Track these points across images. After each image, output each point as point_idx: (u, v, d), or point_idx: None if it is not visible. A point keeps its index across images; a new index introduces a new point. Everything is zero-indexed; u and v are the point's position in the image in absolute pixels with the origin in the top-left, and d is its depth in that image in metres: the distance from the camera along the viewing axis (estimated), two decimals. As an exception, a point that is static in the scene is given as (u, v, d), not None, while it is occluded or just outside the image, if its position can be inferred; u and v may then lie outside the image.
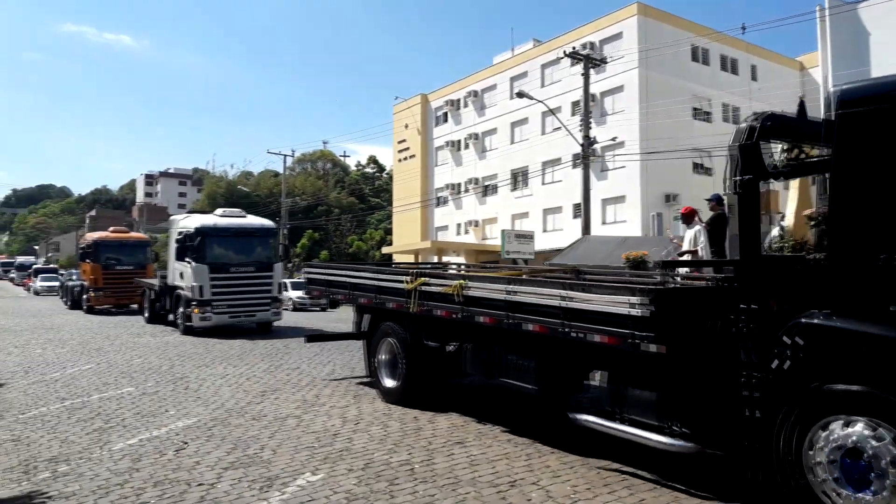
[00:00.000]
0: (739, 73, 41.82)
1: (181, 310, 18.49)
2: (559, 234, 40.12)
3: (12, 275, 72.58)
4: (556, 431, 7.13)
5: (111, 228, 31.94)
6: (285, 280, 25.87)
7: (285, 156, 51.49)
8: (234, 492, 5.39)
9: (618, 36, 38.47)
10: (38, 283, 50.44)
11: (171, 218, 21.25)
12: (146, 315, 22.49)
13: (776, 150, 10.34)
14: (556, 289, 6.36)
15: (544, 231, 40.94)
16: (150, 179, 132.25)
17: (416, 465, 6.10)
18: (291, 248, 20.56)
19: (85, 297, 27.98)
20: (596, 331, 5.83)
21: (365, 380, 10.34)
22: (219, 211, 20.90)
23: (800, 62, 45.07)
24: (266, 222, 20.82)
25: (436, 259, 46.94)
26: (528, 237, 32.55)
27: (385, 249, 53.65)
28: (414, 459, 6.26)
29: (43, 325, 21.96)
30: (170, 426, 7.60)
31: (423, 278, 8.19)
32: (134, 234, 32.78)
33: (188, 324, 18.00)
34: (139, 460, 6.26)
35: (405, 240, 52.56)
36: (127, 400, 9.15)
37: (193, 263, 17.92)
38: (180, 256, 18.74)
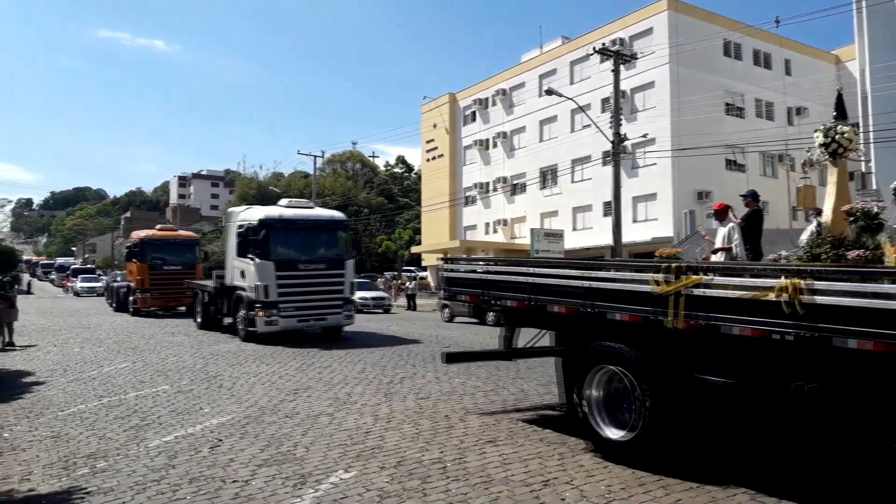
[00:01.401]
0: (773, 67, 41.11)
1: (242, 313, 16.47)
2: (589, 233, 39.85)
3: (52, 276, 73.92)
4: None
5: (158, 226, 30.45)
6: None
7: (315, 157, 51.80)
8: (269, 489, 5.43)
9: (648, 31, 38.05)
10: (79, 284, 50.72)
11: (229, 210, 18.86)
12: (198, 320, 20.41)
13: (814, 145, 10.12)
14: None
15: (574, 230, 40.67)
16: (183, 181, 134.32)
17: (448, 463, 6.09)
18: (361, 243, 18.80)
19: (131, 298, 26.77)
20: None
21: (545, 413, 8.21)
22: (283, 201, 18.69)
23: (835, 55, 44.13)
24: (336, 214, 18.57)
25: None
26: (557, 236, 32.33)
27: (414, 249, 53.79)
28: (446, 458, 6.25)
29: (80, 324, 22.41)
30: (204, 423, 7.69)
31: (695, 276, 5.53)
32: (182, 233, 30.83)
33: (251, 329, 16.02)
34: (175, 457, 6.34)
35: (434, 239, 52.64)
36: (162, 398, 9.28)
37: (257, 260, 15.90)
38: (242, 253, 16.57)
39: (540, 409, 8.47)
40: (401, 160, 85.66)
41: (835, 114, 10.55)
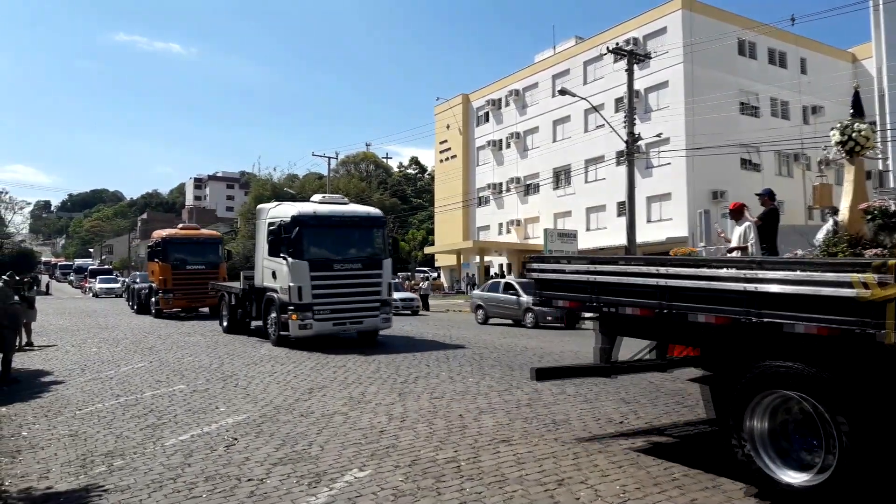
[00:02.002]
0: (788, 66, 40.82)
1: (273, 316, 15.55)
2: (603, 233, 39.72)
3: (71, 277, 74.42)
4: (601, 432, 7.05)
5: (180, 225, 29.63)
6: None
7: (329, 158, 52.06)
8: (284, 487, 5.46)
9: (662, 31, 37.91)
10: (97, 286, 50.80)
11: (260, 207, 17.78)
12: (224, 324, 19.25)
13: (831, 143, 10.04)
14: None
15: (587, 230, 40.57)
16: (198, 183, 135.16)
17: (462, 462, 6.09)
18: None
19: (153, 300, 25.84)
20: None
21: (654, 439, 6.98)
22: (317, 197, 17.47)
23: (852, 53, 43.74)
24: (373, 210, 17.35)
25: (478, 259, 46.97)
26: (571, 236, 32.25)
27: (427, 249, 53.84)
28: (460, 457, 6.25)
29: (98, 324, 22.62)
30: (220, 423, 7.74)
31: None
32: (205, 231, 29.77)
33: (283, 333, 15.09)
34: (191, 455, 6.38)
35: (447, 240, 52.69)
36: (178, 397, 9.35)
37: (290, 260, 14.85)
38: (273, 252, 15.50)
39: (552, 408, 8.45)
40: (414, 161, 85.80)
41: (851, 112, 10.48)
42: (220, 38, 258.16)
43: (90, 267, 75.62)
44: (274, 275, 15.60)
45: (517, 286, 22.33)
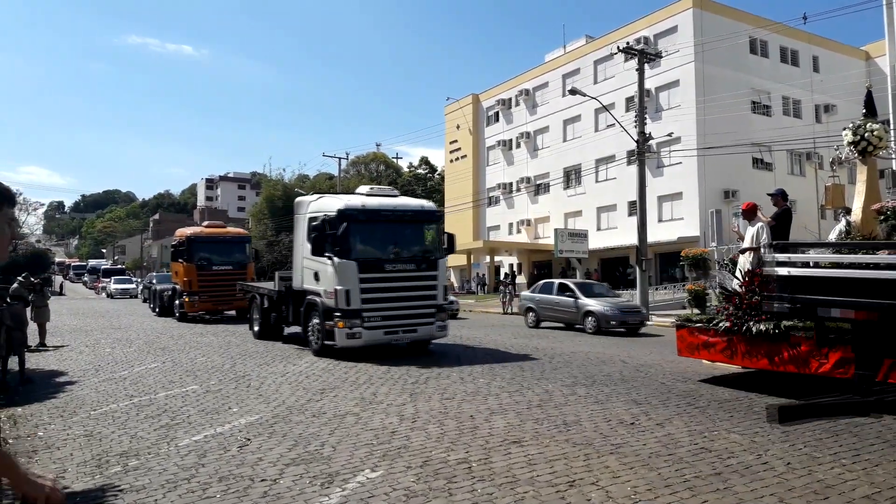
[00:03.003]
0: (800, 64, 40.58)
1: (315, 322, 13.94)
2: (613, 233, 39.63)
3: (85, 278, 74.66)
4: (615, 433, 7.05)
5: (206, 223, 28.09)
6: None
7: (340, 158, 52.18)
8: (296, 487, 5.50)
9: (673, 30, 37.77)
10: (112, 286, 50.36)
11: (299, 200, 15.99)
12: (255, 329, 17.74)
13: (843, 143, 10.00)
14: None
15: (598, 229, 40.48)
16: (210, 183, 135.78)
17: (473, 463, 6.11)
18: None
19: (177, 302, 24.40)
20: None
21: None
22: (364, 188, 15.88)
23: (865, 51, 43.42)
24: (426, 203, 15.59)
25: (488, 259, 46.96)
26: (581, 236, 32.22)
27: (438, 249, 53.78)
28: (471, 458, 6.27)
29: (111, 325, 22.80)
30: (233, 423, 7.79)
31: None
32: (232, 230, 27.72)
33: (328, 342, 13.38)
34: (204, 456, 6.44)
35: (457, 239, 52.65)
36: (191, 397, 9.42)
37: (336, 260, 13.21)
38: (317, 250, 13.60)
39: (563, 409, 8.46)
40: (424, 161, 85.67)
41: (864, 111, 10.47)
42: (231, 40, 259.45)
43: (103, 267, 76.04)
44: (316, 276, 13.96)
45: (574, 288, 21.01)
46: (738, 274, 10.42)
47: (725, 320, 9.67)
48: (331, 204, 14.13)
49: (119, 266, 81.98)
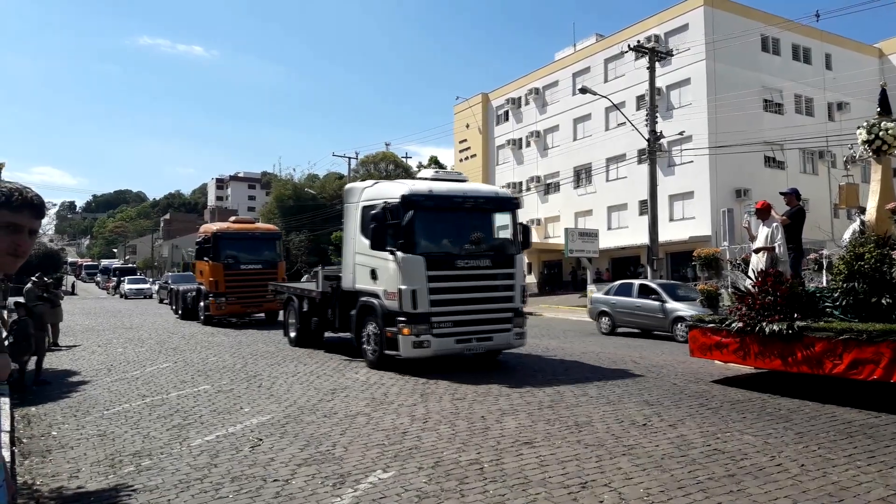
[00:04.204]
0: (813, 62, 40.30)
1: (371, 329, 12.02)
2: (624, 232, 39.50)
3: (98, 278, 74.85)
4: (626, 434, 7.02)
5: (233, 219, 26.12)
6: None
7: (350, 158, 52.29)
8: (309, 488, 5.51)
9: (683, 28, 37.61)
10: (126, 286, 49.67)
11: (349, 187, 14.24)
12: (292, 334, 15.86)
13: (857, 141, 9.92)
14: None
15: (609, 229, 40.36)
16: (220, 183, 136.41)
17: (485, 464, 6.10)
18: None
19: (202, 304, 22.45)
20: None
21: None
22: (427, 172, 13.97)
23: (878, 48, 43.09)
24: (501, 189, 14.03)
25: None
26: (592, 235, 32.10)
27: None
28: (483, 459, 6.26)
29: (123, 324, 22.93)
30: (245, 423, 7.81)
31: None
32: (261, 225, 25.74)
33: (388, 352, 11.51)
34: (217, 456, 6.46)
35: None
36: (203, 397, 9.45)
37: (399, 255, 11.35)
38: (377, 244, 11.62)
39: (574, 410, 8.43)
40: (434, 161, 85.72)
41: (878, 109, 10.38)
42: (241, 41, 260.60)
43: (114, 266, 76.29)
44: (374, 274, 12.06)
45: (660, 290, 18.79)
46: (750, 273, 10.36)
47: (738, 320, 9.61)
48: (392, 190, 12.26)
49: (130, 265, 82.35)
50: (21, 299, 14.33)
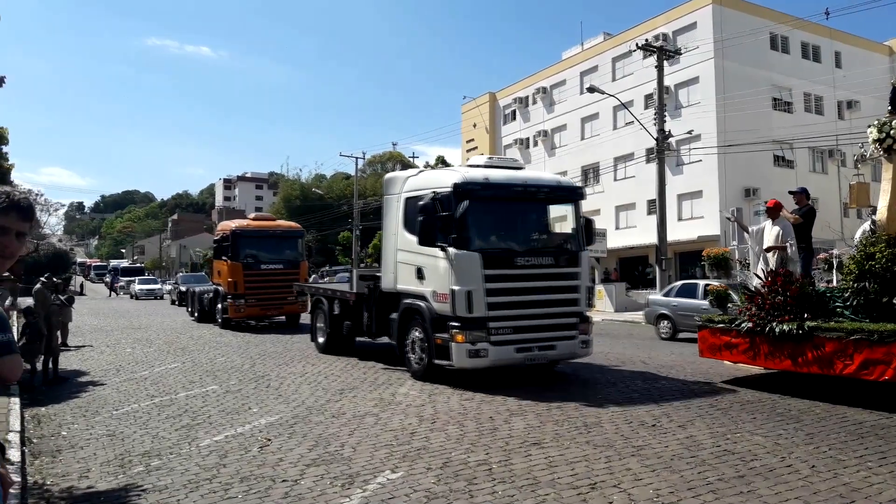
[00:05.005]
0: (822, 60, 40.03)
1: (417, 335, 10.74)
2: (633, 232, 39.36)
3: (106, 278, 74.73)
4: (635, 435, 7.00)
5: (253, 215, 24.92)
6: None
7: (357, 158, 52.24)
8: (317, 488, 5.51)
9: (692, 26, 37.43)
10: (137, 287, 49.10)
11: (391, 176, 12.84)
12: (321, 339, 14.53)
13: (868, 140, 9.85)
14: None
15: (617, 228, 40.21)
16: (228, 184, 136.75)
17: (493, 465, 6.09)
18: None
19: (220, 306, 21.12)
20: None
21: None
22: (479, 158, 12.14)
23: (889, 46, 42.82)
24: (561, 178, 12.82)
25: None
26: (599, 235, 31.95)
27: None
28: (491, 459, 6.25)
29: (131, 325, 23.02)
30: (253, 423, 7.83)
31: None
32: (283, 223, 24.37)
33: (438, 361, 10.19)
34: (225, 456, 6.47)
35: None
36: (212, 397, 9.48)
37: (452, 251, 10.02)
38: (426, 239, 10.37)
39: (583, 410, 8.40)
40: (441, 160, 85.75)
41: (889, 108, 10.29)
42: (249, 41, 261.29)
43: (121, 266, 76.33)
44: (420, 273, 10.74)
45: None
46: (759, 273, 10.30)
47: (748, 321, 9.55)
48: (442, 178, 10.94)
49: (138, 265, 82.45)
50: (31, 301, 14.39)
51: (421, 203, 10.50)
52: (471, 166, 11.70)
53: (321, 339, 14.53)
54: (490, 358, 9.89)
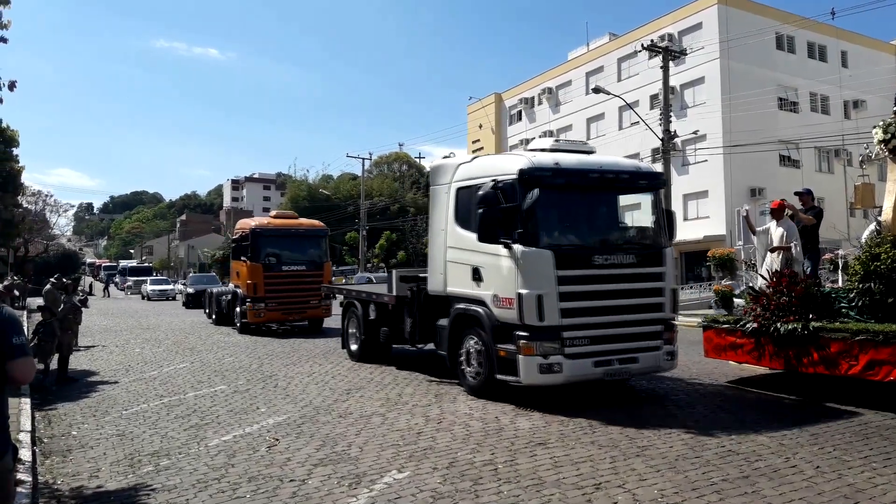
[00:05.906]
0: (828, 60, 39.95)
1: (472, 344, 9.38)
2: (638, 232, 39.28)
3: (116, 279, 74.84)
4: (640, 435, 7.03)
5: (274, 213, 23.43)
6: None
7: (364, 159, 52.36)
8: (325, 488, 5.57)
9: (697, 26, 37.42)
10: (149, 287, 48.82)
11: (438, 164, 11.23)
12: (354, 347, 13.24)
13: (873, 140, 9.85)
14: None
15: (623, 228, 40.15)
16: (236, 184, 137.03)
17: (499, 465, 6.13)
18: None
19: (238, 310, 19.67)
20: None
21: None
22: (544, 141, 10.62)
23: (895, 46, 42.63)
24: (640, 163, 11.51)
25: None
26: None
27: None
28: (497, 459, 6.30)
29: (140, 325, 23.15)
30: (261, 423, 7.89)
31: None
32: (305, 221, 22.39)
33: (502, 377, 8.83)
34: (234, 456, 6.53)
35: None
36: (220, 397, 9.55)
37: (519, 248, 8.61)
38: (487, 235, 8.94)
39: (588, 411, 8.43)
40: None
41: (895, 109, 10.28)
42: (257, 43, 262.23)
43: (128, 266, 76.47)
44: (477, 274, 9.34)
45: None
46: (764, 273, 10.32)
47: (753, 321, 9.56)
48: (504, 164, 9.52)
49: (146, 265, 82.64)
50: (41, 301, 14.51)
51: (480, 193, 9.10)
52: (535, 150, 10.08)
53: (354, 347, 13.23)
54: (565, 373, 8.52)
